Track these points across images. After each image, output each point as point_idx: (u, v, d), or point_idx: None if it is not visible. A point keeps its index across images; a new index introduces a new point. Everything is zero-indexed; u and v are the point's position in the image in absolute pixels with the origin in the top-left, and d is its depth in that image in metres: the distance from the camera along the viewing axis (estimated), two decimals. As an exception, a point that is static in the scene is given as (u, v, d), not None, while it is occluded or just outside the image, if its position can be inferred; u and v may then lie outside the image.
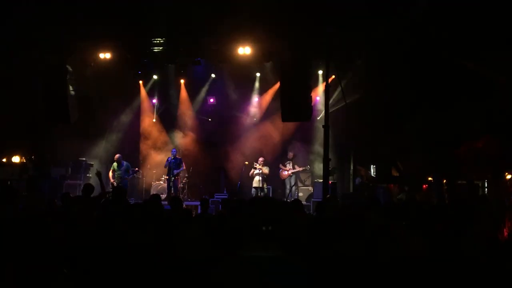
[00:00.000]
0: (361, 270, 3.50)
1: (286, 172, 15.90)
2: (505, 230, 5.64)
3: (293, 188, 15.67)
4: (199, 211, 12.34)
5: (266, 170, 15.47)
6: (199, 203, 12.43)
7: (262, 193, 15.17)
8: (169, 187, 15.40)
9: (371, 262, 3.55)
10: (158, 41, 14.90)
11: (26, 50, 14.26)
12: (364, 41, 13.26)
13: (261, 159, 15.56)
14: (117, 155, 14.86)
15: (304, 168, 15.87)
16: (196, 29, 14.09)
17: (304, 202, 14.93)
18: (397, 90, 13.44)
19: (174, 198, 9.03)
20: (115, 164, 14.72)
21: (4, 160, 17.28)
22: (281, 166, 16.09)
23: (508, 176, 12.51)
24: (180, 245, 3.72)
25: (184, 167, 15.81)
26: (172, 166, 15.35)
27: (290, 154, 16.12)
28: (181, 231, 4.35)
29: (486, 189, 13.46)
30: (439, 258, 3.36)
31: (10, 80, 14.47)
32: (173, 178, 15.40)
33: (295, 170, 15.77)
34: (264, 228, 2.60)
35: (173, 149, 15.85)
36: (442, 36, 11.86)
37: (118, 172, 14.57)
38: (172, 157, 15.46)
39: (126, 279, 3.34)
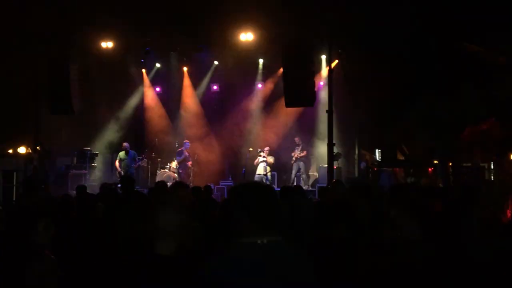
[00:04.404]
0: (356, 255, 3.51)
1: (293, 158, 15.89)
2: (508, 211, 5.63)
3: (298, 174, 15.68)
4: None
5: (271, 159, 15.41)
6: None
7: (266, 180, 15.16)
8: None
9: (365, 247, 3.55)
10: (159, 29, 14.86)
11: (29, 41, 14.27)
12: (366, 25, 13.16)
13: (267, 148, 15.50)
14: (124, 144, 14.87)
15: (306, 153, 15.84)
16: (198, 16, 14.03)
17: (310, 188, 15.04)
18: (401, 75, 13.38)
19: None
20: (122, 153, 14.72)
21: (10, 151, 17.35)
22: (292, 153, 16.06)
23: (512, 157, 12.46)
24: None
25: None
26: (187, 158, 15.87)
27: (297, 139, 16.06)
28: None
29: (492, 171, 13.40)
30: (437, 241, 3.36)
31: (14, 72, 14.49)
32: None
33: (302, 154, 15.74)
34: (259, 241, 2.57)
35: (186, 142, 16.09)
36: (443, 17, 11.78)
37: (125, 161, 14.59)
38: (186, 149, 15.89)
39: (123, 268, 3.36)
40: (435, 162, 13.92)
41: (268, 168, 15.32)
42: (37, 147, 14.50)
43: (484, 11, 11.25)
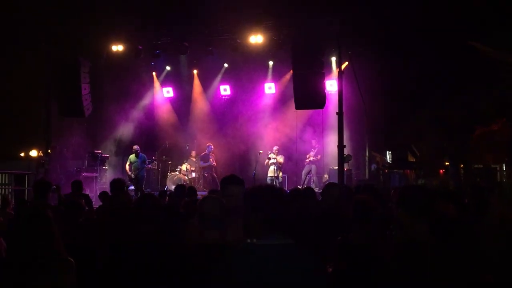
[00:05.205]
0: (369, 257, 3.50)
1: (306, 160, 15.84)
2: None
3: (309, 176, 15.64)
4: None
5: (280, 159, 15.41)
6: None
7: (278, 182, 15.14)
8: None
9: (375, 249, 3.55)
10: (169, 32, 14.90)
11: (39, 45, 14.38)
12: (376, 26, 13.14)
13: (275, 147, 15.51)
14: (135, 147, 14.88)
15: (320, 157, 15.78)
16: (208, 18, 14.07)
17: (320, 190, 14.96)
18: (411, 76, 13.33)
19: (189, 188, 9.07)
20: (132, 156, 14.73)
21: (22, 154, 17.50)
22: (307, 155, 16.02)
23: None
24: (187, 233, 3.76)
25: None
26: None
27: (314, 142, 15.99)
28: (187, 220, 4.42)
29: (504, 173, 13.30)
30: (448, 243, 3.34)
31: (25, 74, 14.61)
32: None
33: (314, 158, 15.67)
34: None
35: (210, 145, 16.29)
36: (452, 16, 11.73)
37: (136, 163, 14.62)
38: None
39: (135, 269, 3.38)
40: (447, 163, 13.85)
41: (279, 171, 15.33)
42: (49, 150, 14.59)
43: (494, 10, 11.20)
